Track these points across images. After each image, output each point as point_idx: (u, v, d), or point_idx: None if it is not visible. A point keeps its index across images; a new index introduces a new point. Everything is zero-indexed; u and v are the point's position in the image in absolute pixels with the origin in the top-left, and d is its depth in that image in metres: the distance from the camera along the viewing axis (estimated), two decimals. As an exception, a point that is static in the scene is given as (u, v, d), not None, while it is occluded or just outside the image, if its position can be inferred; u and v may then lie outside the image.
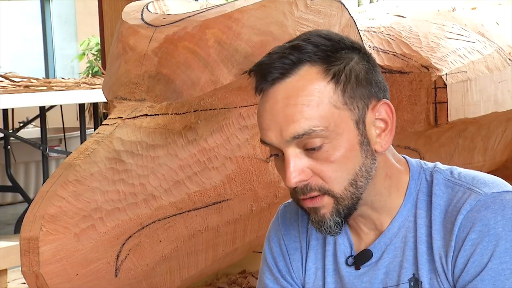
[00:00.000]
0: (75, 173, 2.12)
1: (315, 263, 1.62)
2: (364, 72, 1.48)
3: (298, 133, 1.43)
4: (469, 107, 2.94)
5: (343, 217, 1.48)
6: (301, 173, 1.44)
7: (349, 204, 1.47)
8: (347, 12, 2.50)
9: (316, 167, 1.44)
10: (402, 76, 2.84)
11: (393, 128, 1.50)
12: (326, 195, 1.46)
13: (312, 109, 1.43)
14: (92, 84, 5.98)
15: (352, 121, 1.46)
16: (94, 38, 9.56)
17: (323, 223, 1.47)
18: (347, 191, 1.46)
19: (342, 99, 1.45)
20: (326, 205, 1.46)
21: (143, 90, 2.31)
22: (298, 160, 1.44)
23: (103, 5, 4.37)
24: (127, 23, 2.43)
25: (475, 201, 1.47)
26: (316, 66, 1.45)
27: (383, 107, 1.49)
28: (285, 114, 1.44)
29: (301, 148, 1.44)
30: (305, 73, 1.45)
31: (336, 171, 1.45)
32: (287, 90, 1.45)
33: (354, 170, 1.46)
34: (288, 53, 1.46)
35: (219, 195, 2.29)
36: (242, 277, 3.31)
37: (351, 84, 1.46)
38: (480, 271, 1.44)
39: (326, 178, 1.45)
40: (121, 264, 2.14)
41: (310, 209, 1.48)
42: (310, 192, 1.45)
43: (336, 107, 1.45)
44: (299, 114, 1.43)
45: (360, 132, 1.47)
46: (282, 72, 1.45)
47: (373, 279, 1.54)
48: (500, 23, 3.36)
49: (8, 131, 6.45)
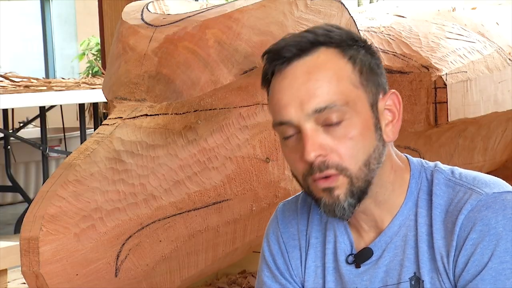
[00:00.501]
0: (75, 173, 2.12)
1: (315, 261, 1.62)
2: (374, 63, 1.52)
3: (320, 107, 1.44)
4: (469, 107, 2.94)
5: (356, 199, 1.48)
6: (320, 148, 1.45)
7: (362, 186, 1.48)
8: (347, 12, 2.50)
9: (333, 144, 1.45)
10: (402, 76, 2.84)
11: (400, 119, 1.53)
12: (341, 174, 1.46)
13: (333, 84, 1.46)
14: (92, 84, 5.98)
15: (368, 103, 1.49)
16: (94, 38, 9.56)
17: (336, 205, 1.47)
18: (361, 171, 1.47)
19: (359, 80, 1.48)
20: (341, 185, 1.46)
21: (143, 90, 2.31)
22: (316, 135, 1.45)
23: (103, 5, 4.37)
24: (127, 23, 2.43)
25: (476, 201, 1.47)
26: (332, 48, 1.48)
27: (391, 97, 1.53)
28: (307, 88, 1.45)
29: (319, 125, 1.45)
30: (322, 53, 1.48)
31: (353, 149, 1.46)
32: (306, 66, 1.47)
33: (369, 151, 1.47)
34: (303, 35, 1.49)
35: (219, 195, 2.29)
36: (242, 277, 3.31)
37: (366, 68, 1.50)
38: (480, 271, 1.44)
39: (343, 155, 1.45)
40: (121, 264, 2.14)
41: (324, 191, 1.47)
42: (327, 169, 1.45)
43: (354, 86, 1.47)
44: (321, 88, 1.45)
45: (374, 115, 1.49)
46: (300, 49, 1.47)
47: (374, 278, 1.54)
48: (500, 23, 3.36)
49: (8, 131, 6.45)
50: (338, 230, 1.60)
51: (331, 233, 1.61)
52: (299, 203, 1.67)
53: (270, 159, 2.36)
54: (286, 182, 2.40)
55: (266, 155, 2.35)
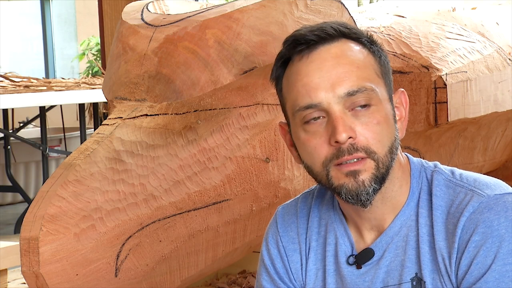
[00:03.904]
0: (75, 173, 2.12)
1: (315, 264, 1.62)
2: (386, 60, 1.55)
3: (353, 89, 1.46)
4: (469, 107, 2.94)
5: (379, 185, 1.48)
6: (350, 130, 1.46)
7: (385, 173, 1.49)
8: (347, 12, 2.50)
9: (361, 129, 1.46)
10: (402, 76, 2.84)
11: (407, 118, 1.56)
12: (369, 158, 1.46)
13: (362, 70, 1.48)
14: (92, 84, 5.98)
15: (387, 95, 1.52)
16: (94, 38, 9.57)
17: (361, 190, 1.47)
18: (386, 157, 1.48)
19: (381, 70, 1.52)
20: (368, 169, 1.47)
21: (143, 90, 2.31)
22: (346, 118, 1.46)
23: (103, 5, 4.38)
24: (127, 23, 2.43)
25: (478, 203, 1.47)
26: (353, 41, 1.51)
27: (400, 96, 1.56)
28: (338, 72, 1.47)
29: (347, 109, 1.46)
30: (346, 42, 1.51)
31: (380, 134, 1.47)
32: (334, 51, 1.49)
33: (392, 138, 1.49)
34: (326, 26, 1.51)
35: (219, 195, 2.29)
36: (242, 277, 3.31)
37: (383, 62, 1.53)
38: (484, 273, 1.44)
39: (371, 139, 1.47)
40: (121, 264, 2.14)
41: (347, 176, 1.47)
42: (356, 152, 1.46)
43: (378, 75, 1.51)
44: (351, 72, 1.47)
45: (392, 107, 1.52)
46: (327, 34, 1.49)
47: (375, 278, 1.54)
48: (500, 23, 3.36)
49: (8, 131, 6.45)
50: (339, 231, 1.60)
51: (332, 235, 1.60)
52: (299, 206, 1.66)
53: (270, 159, 2.36)
54: (286, 182, 2.40)
55: (266, 155, 2.35)
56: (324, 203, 1.64)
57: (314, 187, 1.66)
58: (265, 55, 2.31)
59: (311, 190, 1.68)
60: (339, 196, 1.50)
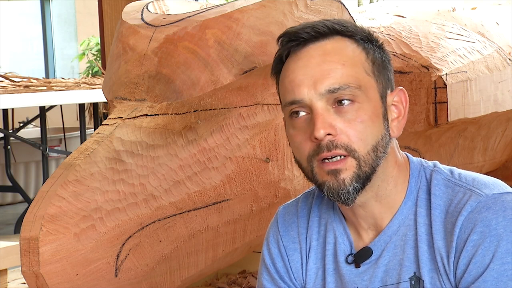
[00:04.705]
0: (75, 173, 2.12)
1: (315, 263, 1.62)
2: (385, 58, 1.55)
3: (334, 87, 1.47)
4: (469, 107, 2.94)
5: (361, 184, 1.49)
6: (330, 127, 1.47)
7: (368, 172, 1.49)
8: (347, 12, 2.50)
9: (343, 126, 1.47)
10: (402, 76, 2.84)
11: (405, 117, 1.56)
12: (350, 157, 1.47)
13: (348, 68, 1.49)
14: (92, 84, 5.98)
15: (378, 93, 1.51)
16: (94, 38, 9.57)
17: (341, 189, 1.48)
18: (369, 156, 1.48)
19: (372, 69, 1.51)
20: (349, 168, 1.47)
21: (143, 90, 2.31)
22: (328, 114, 1.47)
23: (103, 5, 4.38)
24: (127, 23, 2.43)
25: (476, 202, 1.47)
26: (347, 38, 1.52)
27: (399, 94, 1.55)
28: (322, 69, 1.48)
29: (330, 105, 1.47)
30: (337, 40, 1.51)
31: (362, 132, 1.47)
32: (323, 49, 1.50)
33: (377, 137, 1.49)
34: (320, 22, 1.53)
35: (219, 195, 2.29)
36: (242, 277, 3.31)
37: (377, 61, 1.53)
38: (482, 272, 1.44)
39: (353, 137, 1.47)
40: (121, 264, 2.14)
41: (329, 174, 1.48)
42: (335, 149, 1.47)
43: (367, 73, 1.50)
44: (336, 70, 1.48)
45: (383, 105, 1.52)
46: (317, 32, 1.50)
47: (373, 277, 1.54)
48: (500, 23, 3.36)
49: (8, 131, 6.45)
50: (338, 231, 1.60)
51: (331, 234, 1.61)
52: (299, 206, 1.67)
53: (270, 159, 2.36)
54: (286, 182, 2.40)
55: (266, 155, 2.35)
56: (324, 203, 1.64)
57: (315, 187, 1.67)
58: (265, 55, 2.31)
59: (312, 190, 1.68)
60: (322, 193, 1.52)
